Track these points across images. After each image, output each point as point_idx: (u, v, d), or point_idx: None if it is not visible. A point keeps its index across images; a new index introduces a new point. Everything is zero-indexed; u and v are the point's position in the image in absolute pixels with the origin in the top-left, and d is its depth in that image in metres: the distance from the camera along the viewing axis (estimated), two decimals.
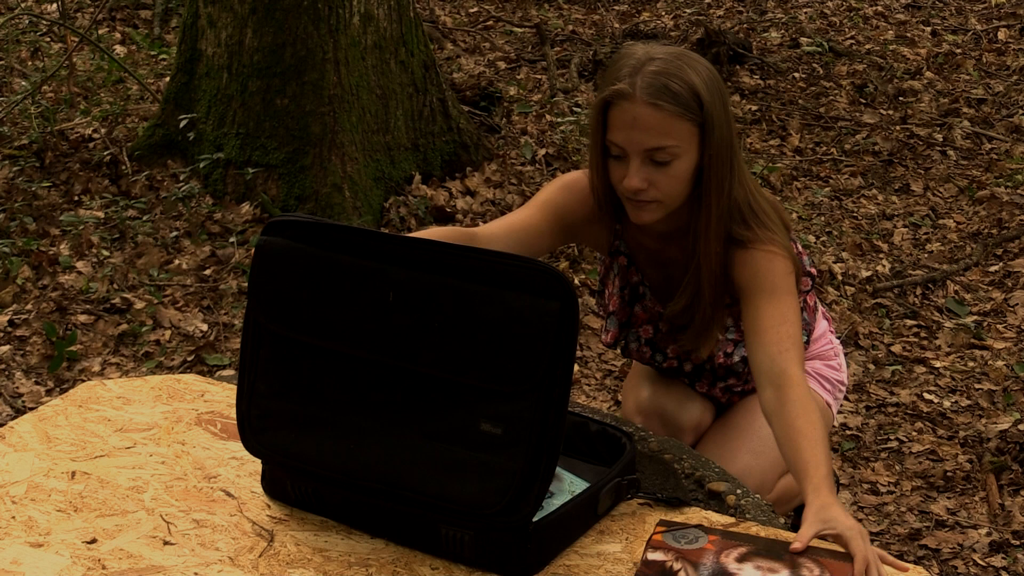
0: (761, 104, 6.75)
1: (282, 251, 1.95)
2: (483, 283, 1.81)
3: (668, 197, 2.32)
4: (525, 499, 1.80)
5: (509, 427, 1.79)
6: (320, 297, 1.91)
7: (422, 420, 1.84)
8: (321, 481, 1.93)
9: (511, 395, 1.79)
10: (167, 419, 2.24)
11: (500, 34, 7.78)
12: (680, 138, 2.26)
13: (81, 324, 4.31)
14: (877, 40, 7.80)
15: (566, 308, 1.78)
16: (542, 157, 5.71)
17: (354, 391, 1.89)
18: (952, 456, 3.75)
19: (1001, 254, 5.18)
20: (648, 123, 2.24)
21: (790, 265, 2.36)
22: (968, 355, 4.38)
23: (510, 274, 1.80)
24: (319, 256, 1.92)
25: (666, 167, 2.27)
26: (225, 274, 4.63)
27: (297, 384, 1.93)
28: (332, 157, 4.99)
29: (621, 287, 2.63)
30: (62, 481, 2.02)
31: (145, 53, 7.05)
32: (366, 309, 1.87)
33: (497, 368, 1.80)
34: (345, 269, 1.90)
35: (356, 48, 5.09)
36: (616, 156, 2.32)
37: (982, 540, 3.34)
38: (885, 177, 5.96)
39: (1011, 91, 7.02)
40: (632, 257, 2.59)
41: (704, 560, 1.86)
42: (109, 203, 5.08)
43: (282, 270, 1.94)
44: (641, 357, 2.69)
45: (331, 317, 1.90)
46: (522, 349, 1.79)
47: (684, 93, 2.24)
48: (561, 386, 1.79)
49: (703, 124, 2.27)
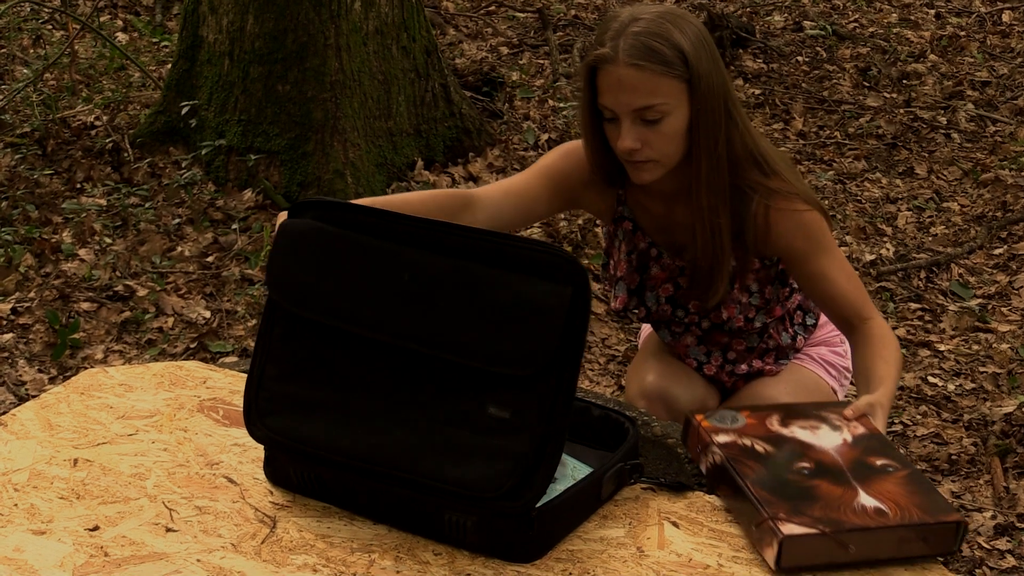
0: (764, 88, 6.73)
1: (302, 231, 1.95)
2: (498, 266, 1.82)
3: (663, 155, 2.34)
4: (529, 484, 1.80)
5: (517, 411, 1.79)
6: (335, 276, 1.91)
7: (430, 403, 1.84)
8: (325, 465, 1.92)
9: (520, 379, 1.80)
10: (169, 406, 2.23)
11: (502, 19, 7.77)
12: (667, 95, 2.29)
13: (84, 312, 4.31)
14: (881, 23, 7.77)
15: (578, 293, 1.78)
16: (545, 142, 5.71)
17: (363, 373, 1.89)
18: (957, 439, 3.74)
19: (1005, 237, 5.17)
20: (633, 84, 2.28)
21: (821, 217, 2.42)
22: (972, 338, 4.37)
23: (524, 258, 1.81)
24: (337, 235, 1.92)
25: (657, 125, 2.30)
26: (227, 261, 4.63)
27: (306, 366, 1.93)
28: (334, 143, 4.98)
29: (628, 251, 2.63)
30: (64, 468, 2.02)
31: (147, 40, 7.04)
32: (380, 290, 1.88)
33: (507, 352, 1.80)
34: (362, 249, 1.90)
35: (358, 34, 5.08)
36: (610, 119, 2.36)
37: (987, 523, 3.33)
38: (889, 160, 5.95)
39: (1015, 73, 7.00)
40: (637, 222, 2.59)
41: (761, 433, 2.01)
42: (111, 190, 5.08)
43: (300, 250, 1.95)
44: (663, 316, 2.67)
45: (345, 297, 1.90)
46: (533, 333, 1.79)
47: (667, 51, 2.27)
48: (570, 371, 1.79)
49: (689, 79, 2.29)
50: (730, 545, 1.89)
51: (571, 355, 1.79)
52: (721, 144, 2.34)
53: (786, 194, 2.39)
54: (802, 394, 2.69)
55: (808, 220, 2.40)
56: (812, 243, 2.41)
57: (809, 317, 2.75)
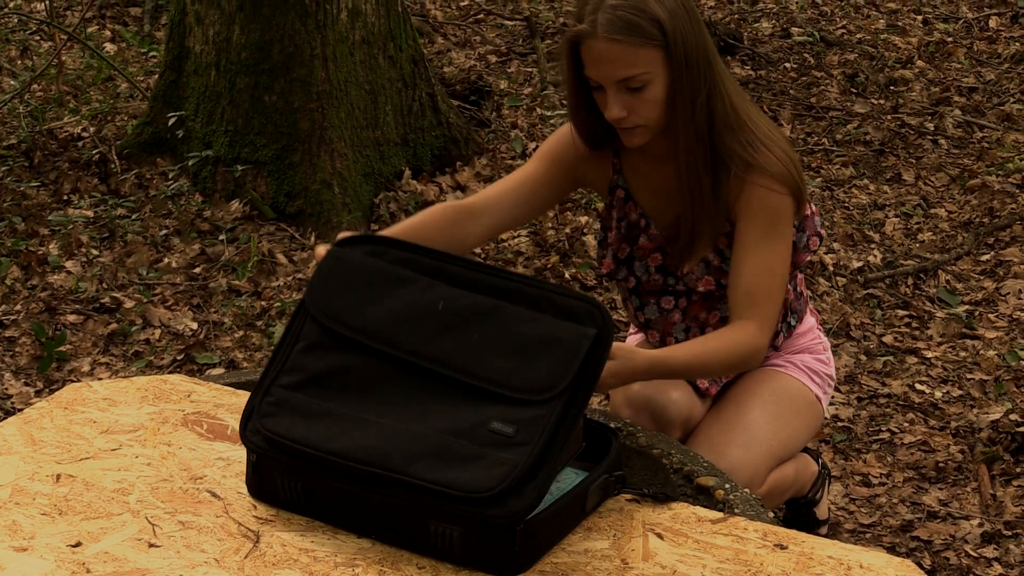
0: (752, 94, 6.74)
1: (349, 259, 2.07)
2: (529, 307, 1.95)
3: (649, 120, 2.43)
4: (519, 493, 1.81)
5: (521, 429, 1.87)
6: (373, 299, 2.02)
7: (437, 416, 1.91)
8: (316, 466, 1.92)
9: (530, 403, 1.89)
10: (153, 420, 2.23)
11: (490, 27, 7.77)
12: (647, 65, 2.37)
13: (70, 324, 4.30)
14: (868, 29, 7.78)
15: (601, 335, 1.91)
16: (532, 151, 5.70)
17: (376, 387, 1.96)
18: (944, 447, 3.75)
19: (992, 243, 5.17)
20: (613, 56, 2.36)
21: (790, 203, 2.46)
22: (960, 345, 4.37)
23: (555, 302, 1.95)
24: (383, 267, 2.04)
25: (642, 92, 2.39)
26: (215, 272, 4.62)
27: (320, 378, 1.99)
28: (321, 153, 4.98)
29: (618, 219, 2.67)
30: (47, 484, 2.01)
31: (135, 51, 7.04)
32: (413, 312, 1.99)
33: (525, 379, 1.90)
34: (404, 280, 2.02)
35: (344, 44, 5.08)
36: (596, 88, 2.44)
37: (974, 531, 3.33)
38: (876, 167, 5.96)
39: (1002, 79, 7.01)
40: (629, 190, 2.65)
41: None
42: (98, 202, 5.08)
43: (344, 274, 2.06)
44: (654, 286, 2.69)
45: (376, 315, 2.00)
46: (552, 364, 1.90)
47: (642, 23, 2.35)
48: (579, 402, 1.89)
49: (667, 47, 2.37)
50: (715, 556, 1.89)
51: (583, 390, 1.89)
52: (700, 109, 2.42)
53: (762, 169, 2.44)
54: (785, 401, 2.70)
55: (774, 203, 2.45)
56: (764, 223, 2.45)
57: (793, 317, 2.75)
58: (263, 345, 4.19)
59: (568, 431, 1.87)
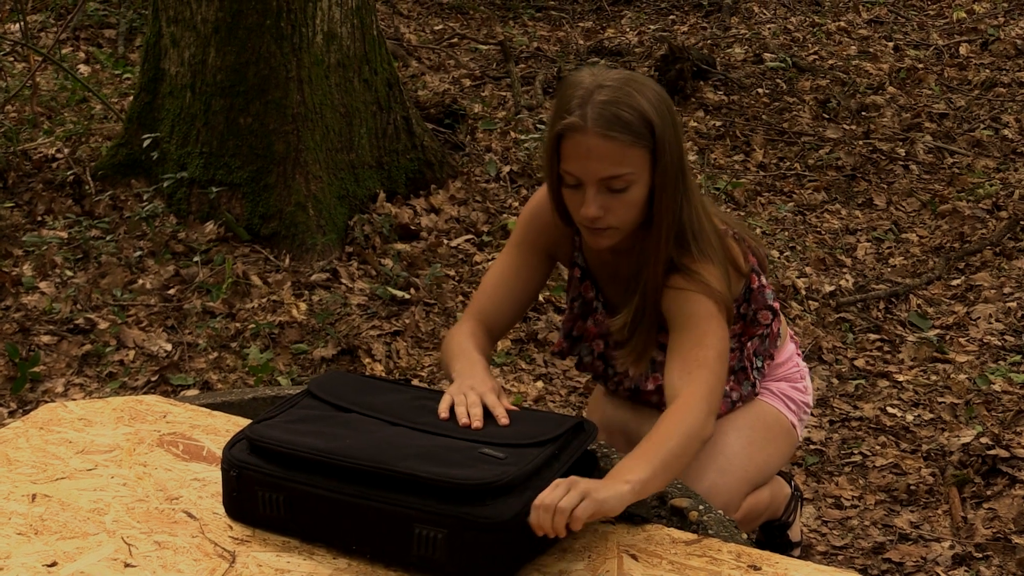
0: (725, 120, 6.78)
1: (352, 375, 2.37)
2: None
3: (623, 223, 2.33)
4: (507, 496, 1.89)
5: (511, 456, 1.98)
6: (371, 394, 2.22)
7: (431, 440, 2.06)
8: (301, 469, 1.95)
9: (521, 445, 2.03)
10: (129, 440, 2.23)
11: (465, 51, 7.80)
12: (634, 165, 2.27)
13: (44, 345, 4.29)
14: (840, 55, 7.84)
15: (583, 423, 2.17)
16: (507, 174, 5.72)
17: (375, 429, 2.08)
18: (915, 469, 3.77)
19: (963, 268, 5.22)
20: (602, 153, 2.25)
21: (715, 308, 2.33)
22: (931, 368, 4.40)
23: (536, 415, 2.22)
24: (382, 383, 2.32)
25: (622, 194, 2.29)
26: (189, 293, 4.62)
27: (315, 419, 2.11)
28: (296, 176, 4.98)
29: (572, 298, 2.65)
30: (23, 504, 2.01)
31: (109, 72, 7.03)
32: (414, 404, 2.19)
33: (516, 433, 2.09)
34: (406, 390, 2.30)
35: (319, 67, 5.09)
36: (572, 185, 2.32)
37: (945, 553, 3.36)
38: (848, 192, 6.00)
39: (972, 105, 7.07)
40: (587, 269, 2.61)
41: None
42: (72, 223, 5.06)
43: (348, 379, 2.31)
44: (595, 371, 2.71)
45: (376, 400, 2.20)
46: (541, 427, 2.11)
47: (635, 121, 2.25)
48: (563, 461, 2.05)
49: (654, 149, 2.28)
50: None
51: (569, 450, 2.09)
52: (677, 212, 2.33)
53: (698, 278, 2.34)
54: (760, 427, 2.71)
55: (693, 302, 2.33)
56: (684, 320, 2.33)
57: (758, 359, 2.74)
58: (237, 367, 4.18)
59: (548, 475, 1.98)
